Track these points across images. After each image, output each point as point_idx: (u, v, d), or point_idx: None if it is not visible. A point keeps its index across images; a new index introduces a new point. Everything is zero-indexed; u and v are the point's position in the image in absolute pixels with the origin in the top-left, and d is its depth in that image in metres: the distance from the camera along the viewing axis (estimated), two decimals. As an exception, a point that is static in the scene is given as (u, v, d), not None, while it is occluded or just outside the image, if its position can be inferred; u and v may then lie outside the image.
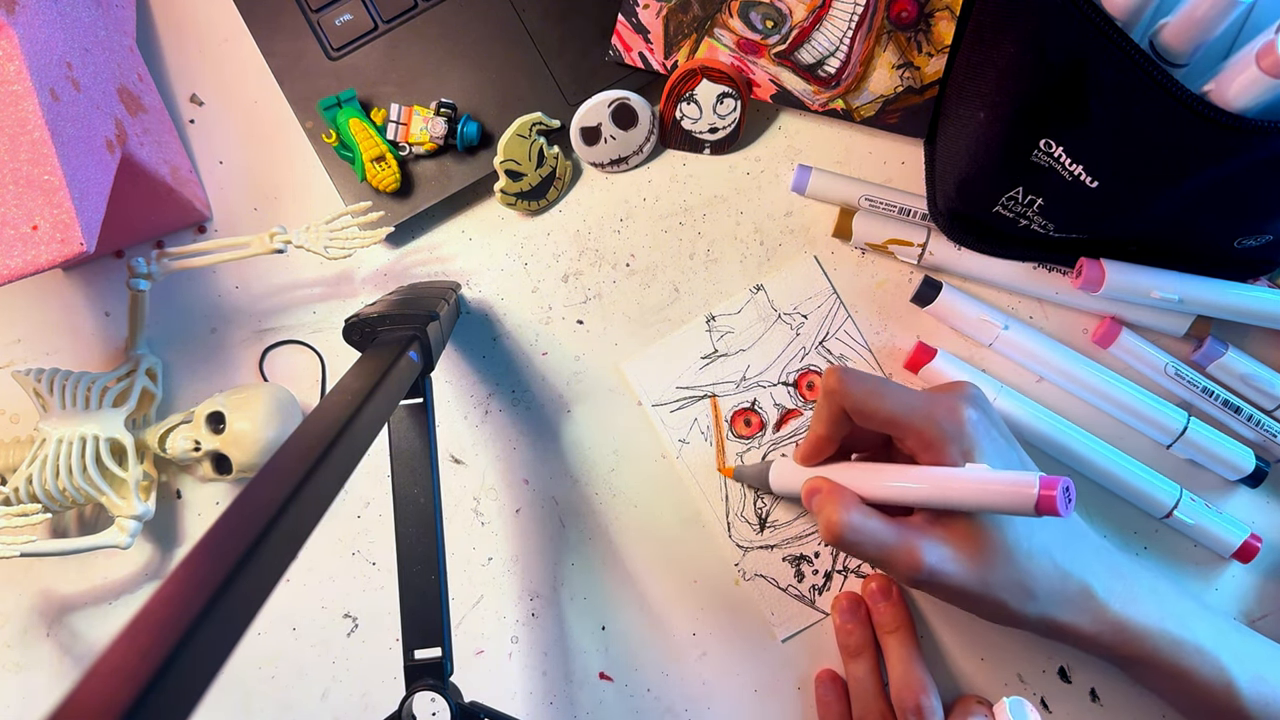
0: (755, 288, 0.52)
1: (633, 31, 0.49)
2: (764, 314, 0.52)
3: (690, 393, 0.52)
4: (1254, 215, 0.42)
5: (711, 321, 0.52)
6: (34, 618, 0.52)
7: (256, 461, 0.48)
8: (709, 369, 0.52)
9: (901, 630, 0.49)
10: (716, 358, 0.52)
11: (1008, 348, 0.50)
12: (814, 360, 0.51)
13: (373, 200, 0.50)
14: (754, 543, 0.51)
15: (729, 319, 0.52)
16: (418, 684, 0.39)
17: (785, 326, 0.52)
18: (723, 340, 0.52)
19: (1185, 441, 0.49)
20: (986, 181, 0.44)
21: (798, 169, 0.50)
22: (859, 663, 0.49)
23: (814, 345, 0.51)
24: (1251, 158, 0.37)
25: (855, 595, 0.50)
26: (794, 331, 0.52)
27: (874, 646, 0.49)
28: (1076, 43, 0.37)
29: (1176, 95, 0.36)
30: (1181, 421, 0.49)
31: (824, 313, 0.51)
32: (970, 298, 0.50)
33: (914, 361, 0.50)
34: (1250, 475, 0.49)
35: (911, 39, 0.48)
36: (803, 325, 0.51)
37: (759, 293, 0.52)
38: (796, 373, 0.51)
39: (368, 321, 0.42)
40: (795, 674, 0.51)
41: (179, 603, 0.21)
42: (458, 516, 0.52)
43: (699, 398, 0.51)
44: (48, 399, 0.47)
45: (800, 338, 0.51)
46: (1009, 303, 0.51)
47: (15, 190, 0.37)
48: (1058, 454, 0.49)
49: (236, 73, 0.53)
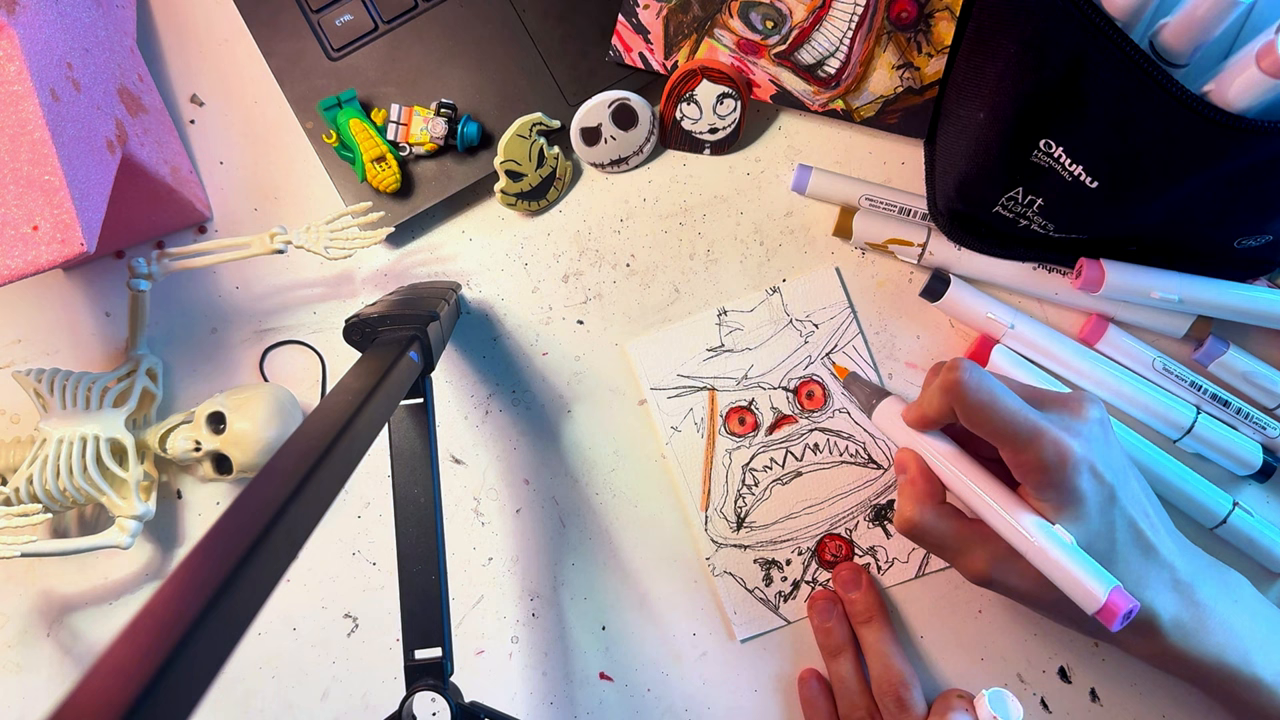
0: (772, 289, 0.52)
1: (633, 32, 0.49)
2: (776, 316, 0.52)
3: (690, 382, 0.51)
4: (1254, 215, 0.42)
5: (723, 316, 0.52)
6: (34, 618, 0.52)
7: (257, 461, 0.48)
8: (712, 362, 0.52)
9: (875, 620, 0.49)
10: (722, 352, 0.52)
11: (1016, 343, 0.50)
12: (818, 370, 0.51)
13: (373, 200, 0.50)
14: (728, 540, 0.51)
15: (740, 316, 0.52)
16: (418, 684, 0.40)
17: (795, 332, 0.51)
18: (731, 336, 0.52)
19: (1194, 436, 0.49)
20: (986, 182, 0.44)
21: (798, 168, 0.50)
22: (840, 661, 0.49)
23: (820, 356, 0.51)
24: (1252, 158, 0.37)
25: (829, 593, 0.50)
26: (803, 339, 0.51)
27: (853, 643, 0.49)
28: (1076, 43, 0.37)
29: (1176, 95, 0.36)
30: (1191, 416, 0.49)
31: (836, 324, 0.51)
32: (978, 293, 0.50)
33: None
34: (1260, 470, 0.49)
35: (911, 39, 0.48)
36: (813, 334, 0.51)
37: (774, 294, 0.52)
38: (798, 380, 0.51)
39: (368, 322, 0.42)
40: (794, 674, 0.51)
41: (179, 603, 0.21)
42: (458, 516, 0.52)
43: (698, 388, 0.51)
44: (48, 399, 0.47)
45: (808, 346, 0.51)
46: (1010, 303, 0.51)
47: (16, 190, 0.37)
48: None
49: (237, 73, 0.53)
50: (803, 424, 0.51)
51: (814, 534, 0.51)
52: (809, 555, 0.51)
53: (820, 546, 0.51)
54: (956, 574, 0.50)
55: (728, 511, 0.51)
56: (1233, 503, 0.49)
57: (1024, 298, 0.51)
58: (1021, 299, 0.51)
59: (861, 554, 0.51)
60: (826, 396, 0.51)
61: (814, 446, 0.51)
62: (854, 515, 0.51)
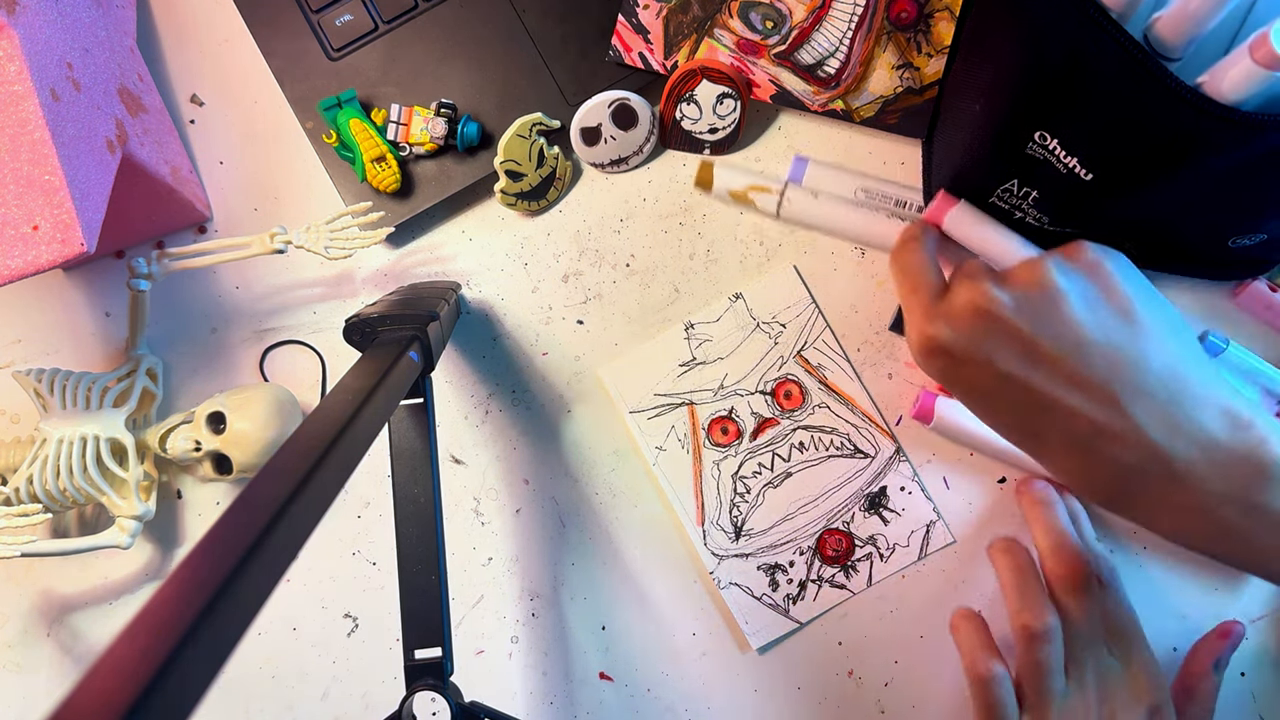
0: (734, 296, 0.52)
1: (633, 32, 0.49)
2: (742, 322, 0.52)
3: (668, 400, 0.51)
4: (1249, 213, 0.42)
5: (690, 329, 0.52)
6: (34, 618, 0.52)
7: (257, 461, 0.48)
8: (686, 376, 0.52)
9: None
10: (694, 365, 0.52)
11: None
12: (791, 369, 0.51)
13: (373, 200, 0.50)
14: (729, 551, 0.51)
15: (708, 327, 0.52)
16: (418, 684, 0.40)
17: (764, 335, 0.52)
18: (701, 348, 0.52)
19: None
20: (982, 173, 0.44)
21: (795, 160, 0.50)
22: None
23: (792, 354, 0.51)
24: (1246, 153, 0.38)
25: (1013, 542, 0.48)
26: (772, 340, 0.52)
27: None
28: (1072, 35, 0.37)
29: (1171, 87, 0.36)
30: None
31: (802, 322, 0.51)
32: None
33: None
34: None
35: (911, 40, 0.48)
36: (781, 334, 0.52)
37: (738, 301, 0.52)
38: (774, 381, 0.51)
39: (368, 321, 0.42)
40: (795, 674, 0.51)
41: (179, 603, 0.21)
42: (458, 516, 0.52)
43: (677, 405, 0.51)
44: (48, 399, 0.47)
45: (778, 346, 0.51)
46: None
47: (16, 190, 0.37)
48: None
49: (237, 73, 0.53)
50: (785, 424, 0.51)
51: (812, 532, 0.51)
52: (811, 554, 0.51)
53: (820, 543, 0.51)
54: (957, 564, 0.51)
55: (724, 522, 0.51)
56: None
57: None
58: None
59: (862, 544, 0.51)
60: (804, 394, 0.51)
61: (799, 445, 0.51)
62: (849, 507, 0.51)
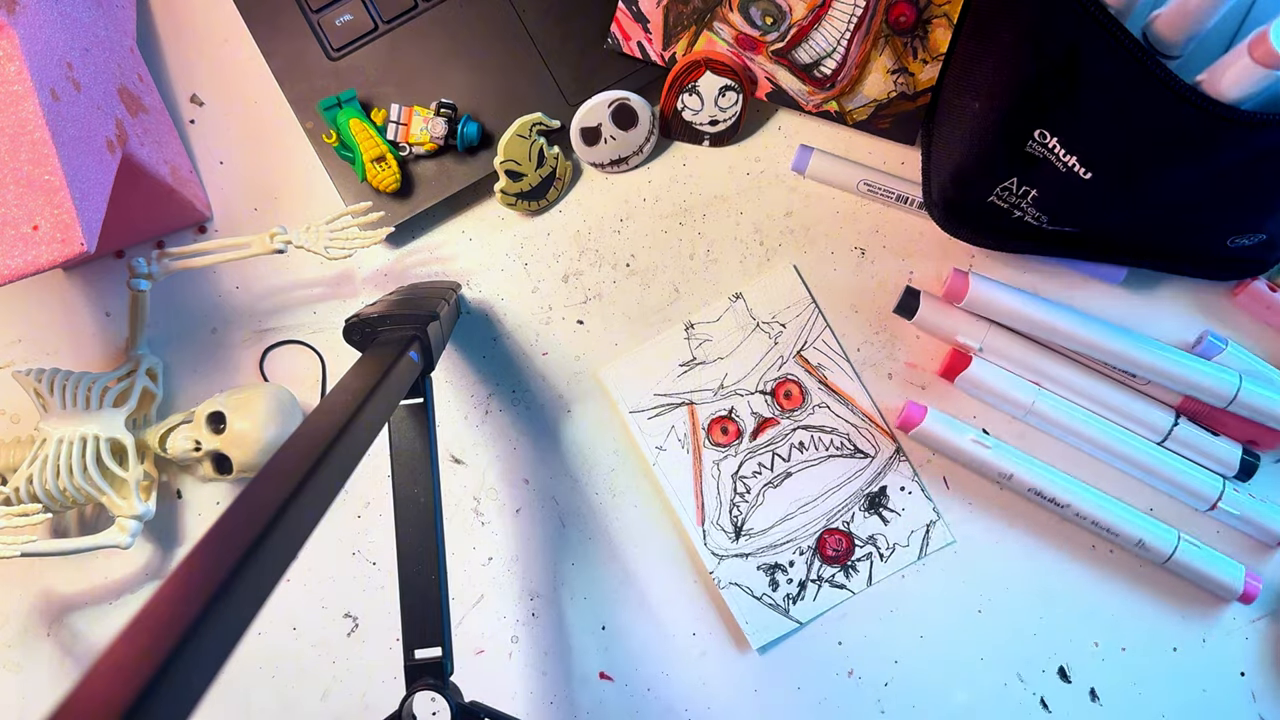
0: (734, 296, 0.52)
1: (632, 20, 0.49)
2: (742, 322, 0.52)
3: (668, 400, 0.51)
4: (1247, 212, 0.42)
5: (690, 329, 0.52)
6: (34, 618, 0.52)
7: (257, 461, 0.48)
8: (687, 376, 0.52)
9: None
10: (695, 365, 0.52)
11: (994, 355, 0.50)
12: (791, 369, 0.51)
13: (373, 200, 0.50)
14: (730, 551, 0.51)
15: (707, 327, 0.52)
16: (418, 684, 0.40)
17: (764, 335, 0.52)
18: (701, 348, 0.52)
19: (1175, 439, 0.49)
20: (981, 172, 0.44)
21: (799, 149, 0.50)
22: None
23: (792, 354, 0.51)
24: (1244, 152, 0.38)
25: None
26: (772, 340, 0.52)
27: None
28: (1071, 33, 0.37)
29: (1170, 85, 0.36)
30: (1170, 420, 0.49)
31: (802, 322, 0.51)
32: (951, 308, 0.50)
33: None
34: (1240, 470, 0.49)
35: (908, 44, 0.48)
36: (781, 334, 0.52)
37: (738, 301, 0.52)
38: (774, 381, 0.51)
39: (368, 321, 0.42)
40: (795, 674, 0.51)
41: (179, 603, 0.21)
42: (458, 516, 0.52)
43: (677, 405, 0.51)
44: (48, 399, 0.47)
45: (778, 346, 0.51)
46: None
47: (16, 190, 0.37)
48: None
49: (237, 73, 0.53)
50: (785, 424, 0.51)
51: (812, 531, 0.51)
52: (811, 554, 0.51)
53: (820, 543, 0.51)
54: (956, 567, 0.51)
55: (724, 522, 0.51)
56: (1223, 482, 0.49)
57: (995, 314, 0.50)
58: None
59: (862, 544, 0.51)
60: (804, 394, 0.51)
61: (799, 445, 0.51)
62: (849, 507, 0.51)
